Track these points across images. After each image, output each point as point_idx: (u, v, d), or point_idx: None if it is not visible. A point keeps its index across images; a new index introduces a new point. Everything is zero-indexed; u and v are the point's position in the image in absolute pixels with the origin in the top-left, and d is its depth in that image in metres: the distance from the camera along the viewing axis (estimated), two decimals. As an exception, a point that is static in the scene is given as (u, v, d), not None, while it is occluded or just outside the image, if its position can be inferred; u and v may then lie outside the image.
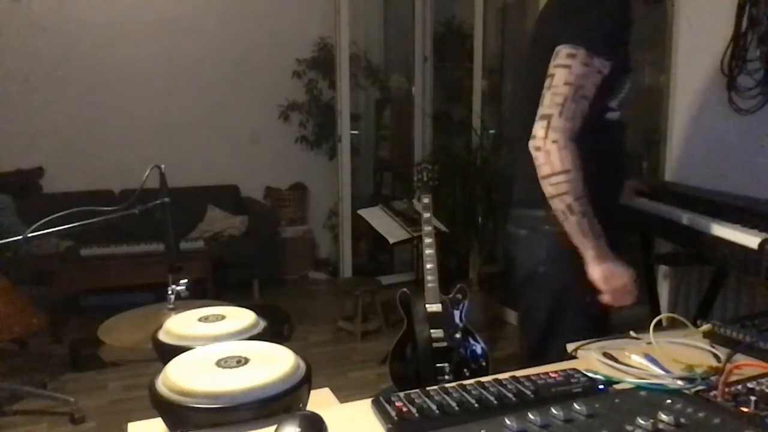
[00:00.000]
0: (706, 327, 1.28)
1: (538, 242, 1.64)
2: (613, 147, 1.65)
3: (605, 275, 1.49)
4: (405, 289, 2.92)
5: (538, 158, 1.46)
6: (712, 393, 0.97)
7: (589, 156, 1.47)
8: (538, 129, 1.45)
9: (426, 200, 3.09)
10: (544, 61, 1.53)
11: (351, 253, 4.88)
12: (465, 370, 2.69)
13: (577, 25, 1.49)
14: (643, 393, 0.98)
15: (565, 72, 1.45)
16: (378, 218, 3.71)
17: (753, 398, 0.92)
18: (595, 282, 1.51)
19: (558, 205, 1.47)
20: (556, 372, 1.06)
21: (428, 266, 2.88)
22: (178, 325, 1.14)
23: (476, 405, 0.93)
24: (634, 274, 1.53)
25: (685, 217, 1.90)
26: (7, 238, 1.34)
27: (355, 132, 5.19)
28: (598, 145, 1.51)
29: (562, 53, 1.47)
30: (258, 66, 5.12)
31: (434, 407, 0.92)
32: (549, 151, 1.43)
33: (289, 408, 0.90)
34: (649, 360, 1.13)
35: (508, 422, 0.84)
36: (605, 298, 1.52)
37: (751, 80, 2.28)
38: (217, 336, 1.09)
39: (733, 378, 1.03)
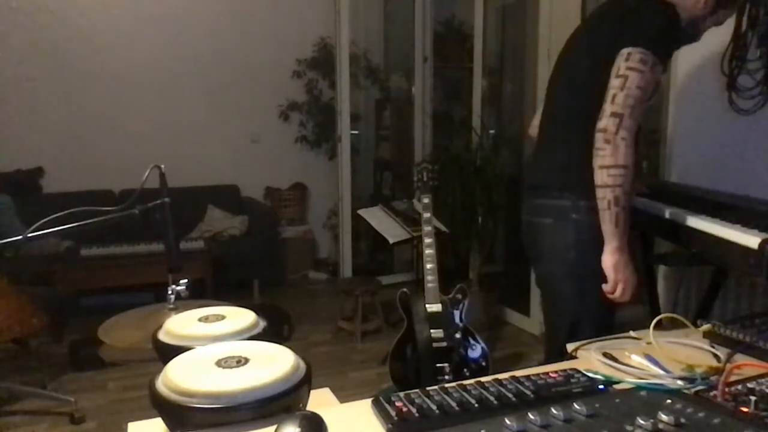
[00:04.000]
0: (706, 327, 1.28)
1: (567, 230, 1.74)
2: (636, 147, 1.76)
3: (617, 266, 1.63)
4: (405, 289, 2.92)
5: (605, 149, 1.58)
6: (712, 393, 0.97)
7: None
8: (610, 125, 1.58)
9: (426, 200, 3.09)
10: (594, 58, 1.66)
11: (351, 253, 4.88)
12: (465, 370, 2.69)
13: (650, 31, 1.61)
14: (643, 393, 0.98)
15: (639, 76, 1.58)
16: (378, 218, 3.71)
17: (753, 398, 0.92)
18: (606, 269, 1.64)
19: (607, 195, 1.60)
20: (556, 372, 1.06)
21: (428, 266, 2.88)
22: (178, 325, 1.14)
23: (476, 405, 0.93)
24: (639, 279, 1.65)
25: (685, 217, 1.89)
26: (7, 238, 1.34)
27: (355, 132, 5.19)
28: None
29: (635, 57, 1.59)
30: (258, 66, 5.12)
31: (434, 407, 0.92)
32: (618, 145, 1.57)
33: (289, 408, 0.90)
34: (649, 360, 1.13)
35: (508, 422, 0.84)
36: (608, 287, 1.65)
37: (751, 80, 2.27)
38: (217, 336, 1.09)
39: (733, 378, 1.04)
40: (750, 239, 1.59)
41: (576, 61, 1.82)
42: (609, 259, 1.64)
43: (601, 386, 1.02)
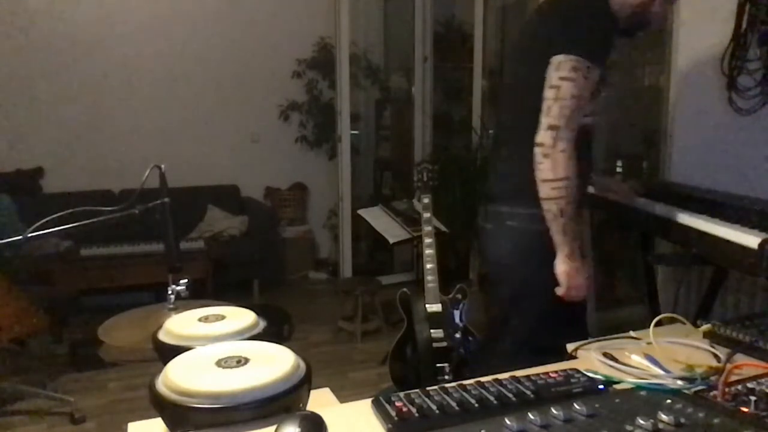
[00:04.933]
0: (706, 327, 1.28)
1: (501, 236, 1.80)
2: (584, 148, 1.77)
3: (570, 273, 1.66)
4: (405, 289, 2.92)
5: (545, 164, 1.59)
6: (712, 393, 0.98)
7: None
8: (547, 138, 1.58)
9: (426, 200, 3.09)
10: (537, 67, 1.63)
11: (351, 253, 4.87)
12: (465, 370, 2.69)
13: (578, 38, 1.60)
14: (643, 393, 0.98)
15: (571, 85, 1.56)
16: (378, 218, 3.71)
17: (753, 398, 0.92)
18: (558, 275, 1.67)
19: (552, 207, 1.61)
20: (556, 372, 1.06)
21: (428, 266, 2.88)
22: (178, 325, 1.14)
23: (476, 405, 0.93)
24: (590, 275, 1.72)
25: (685, 217, 1.90)
26: (7, 238, 1.34)
27: (355, 132, 5.19)
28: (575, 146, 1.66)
29: (566, 65, 1.57)
30: (258, 66, 5.11)
31: (434, 407, 0.92)
32: (557, 159, 1.57)
33: (289, 408, 0.90)
34: (649, 360, 1.13)
35: (508, 422, 0.84)
36: (560, 290, 1.68)
37: (751, 80, 2.27)
38: (217, 336, 1.09)
39: (733, 378, 1.04)
40: (750, 239, 1.59)
41: (516, 70, 1.85)
42: (561, 267, 1.67)
43: (601, 386, 1.02)
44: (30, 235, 1.32)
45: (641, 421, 0.83)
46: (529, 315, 1.75)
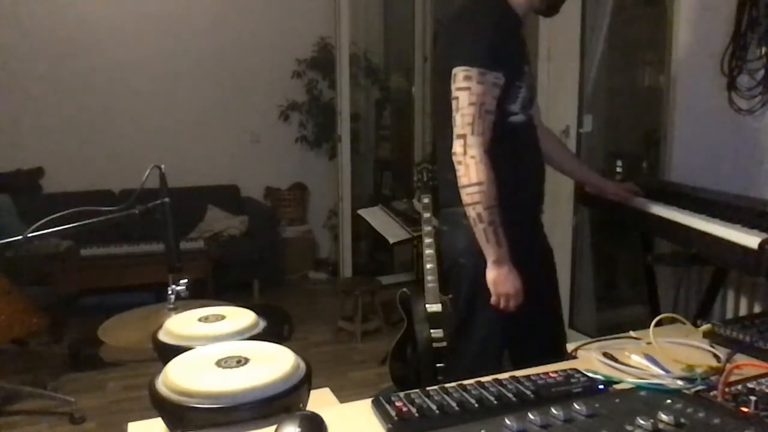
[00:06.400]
0: (706, 327, 1.28)
1: (457, 236, 1.83)
2: (522, 147, 1.83)
3: (497, 280, 1.70)
4: (405, 289, 2.92)
5: (459, 170, 1.67)
6: (712, 393, 0.98)
7: (500, 158, 1.68)
8: (457, 147, 1.67)
9: (426, 200, 3.09)
10: (444, 83, 1.73)
11: (351, 253, 4.87)
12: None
13: (465, 48, 1.69)
14: (643, 393, 0.98)
15: (466, 94, 1.65)
16: (378, 218, 3.71)
17: (753, 398, 0.92)
18: (488, 284, 1.71)
19: (470, 212, 1.68)
20: (556, 372, 1.06)
21: (428, 266, 2.88)
22: (178, 325, 1.14)
23: (476, 405, 0.93)
24: (522, 287, 1.71)
25: (685, 217, 1.89)
26: (7, 238, 1.34)
27: (355, 132, 5.19)
28: (507, 147, 1.73)
29: (459, 76, 1.67)
30: (258, 66, 5.11)
31: (434, 407, 0.92)
32: (468, 165, 1.65)
33: (289, 408, 0.90)
34: (649, 360, 1.13)
35: (508, 422, 0.84)
36: (492, 299, 1.72)
37: (751, 80, 2.27)
38: (217, 336, 1.09)
39: (733, 378, 1.04)
40: (750, 239, 1.59)
41: (434, 86, 1.92)
42: (489, 274, 1.70)
43: (601, 386, 1.02)
44: (30, 235, 1.32)
45: (641, 421, 0.83)
46: (487, 314, 1.76)
